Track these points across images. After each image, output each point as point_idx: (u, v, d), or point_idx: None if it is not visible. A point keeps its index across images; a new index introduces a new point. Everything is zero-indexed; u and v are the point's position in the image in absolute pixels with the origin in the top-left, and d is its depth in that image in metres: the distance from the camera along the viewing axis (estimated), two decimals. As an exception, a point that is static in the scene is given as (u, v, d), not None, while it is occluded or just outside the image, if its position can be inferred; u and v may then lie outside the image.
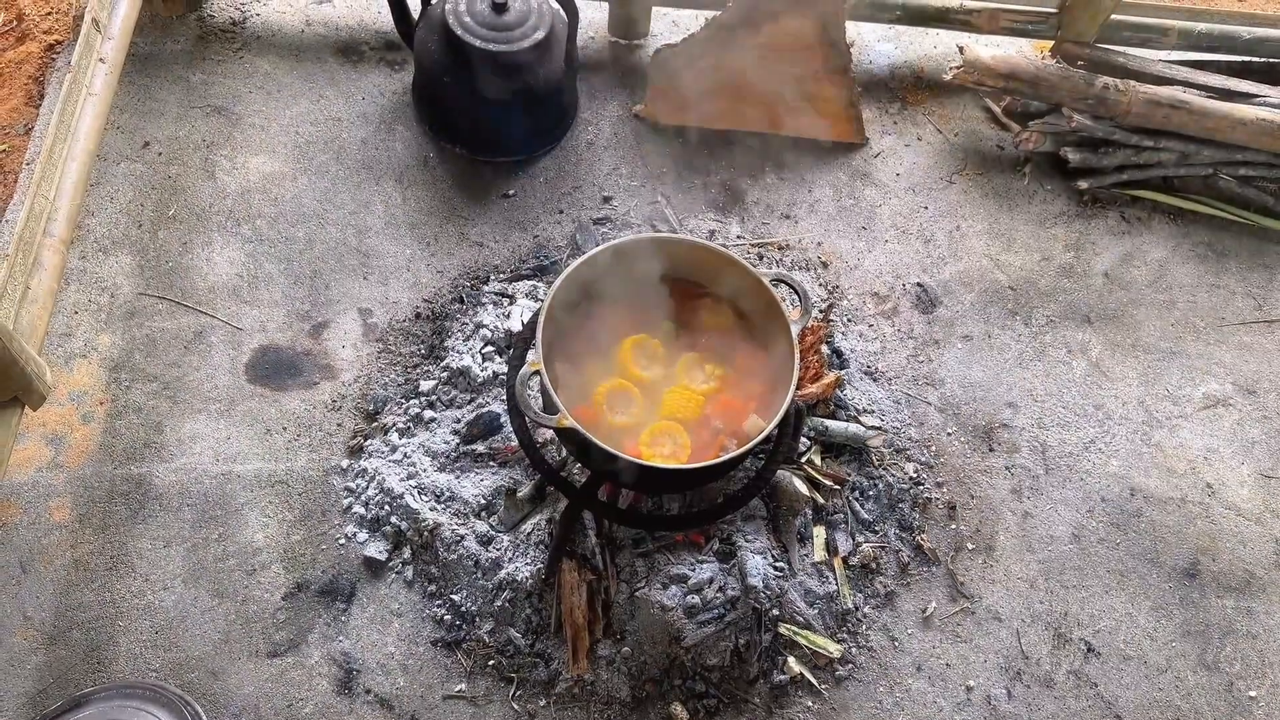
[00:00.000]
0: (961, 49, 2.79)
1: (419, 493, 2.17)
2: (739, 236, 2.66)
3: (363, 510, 2.19)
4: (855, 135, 2.86)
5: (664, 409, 1.95)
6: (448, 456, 2.22)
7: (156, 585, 2.09)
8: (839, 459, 2.31)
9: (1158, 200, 2.85)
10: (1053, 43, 2.94)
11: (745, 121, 2.83)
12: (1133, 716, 2.15)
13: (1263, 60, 2.92)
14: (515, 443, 2.17)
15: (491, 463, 2.21)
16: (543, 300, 1.89)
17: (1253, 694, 2.19)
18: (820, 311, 2.50)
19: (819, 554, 2.18)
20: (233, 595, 2.09)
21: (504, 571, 2.08)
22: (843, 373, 2.39)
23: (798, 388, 1.92)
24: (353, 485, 2.23)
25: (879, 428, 2.35)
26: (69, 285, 2.38)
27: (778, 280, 1.98)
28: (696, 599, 2.05)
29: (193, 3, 2.85)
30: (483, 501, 2.16)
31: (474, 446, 2.22)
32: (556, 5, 2.52)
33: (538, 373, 1.79)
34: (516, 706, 2.04)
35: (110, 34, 2.33)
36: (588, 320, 2.00)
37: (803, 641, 2.10)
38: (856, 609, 2.18)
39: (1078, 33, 2.84)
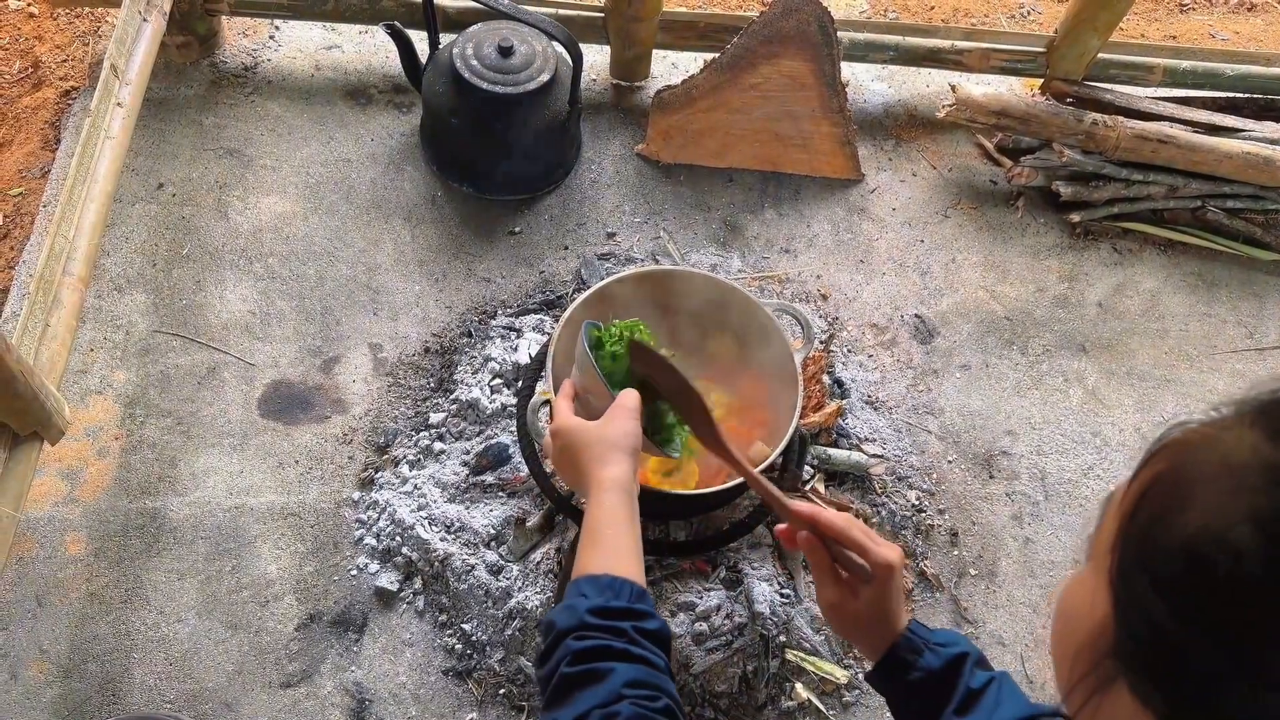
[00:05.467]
0: (953, 88, 2.87)
1: (429, 524, 2.20)
2: (740, 270, 2.72)
3: (374, 542, 2.22)
4: (852, 172, 2.93)
5: (671, 437, 1.99)
6: (457, 488, 2.26)
7: (171, 617, 2.11)
8: (842, 487, 2.34)
9: (1148, 232, 2.92)
10: (1042, 80, 3.03)
11: (744, 159, 2.91)
12: (1138, 739, 2.17)
13: (1246, 96, 3.00)
14: (524, 473, 2.21)
15: (500, 493, 2.25)
16: (551, 332, 1.94)
17: (1256, 716, 2.21)
18: (821, 342, 2.55)
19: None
20: (246, 627, 2.12)
21: (514, 600, 2.10)
22: (844, 402, 2.44)
23: (801, 416, 1.97)
24: (364, 517, 2.26)
25: (881, 456, 2.39)
26: (85, 323, 2.43)
27: (781, 310, 2.02)
28: (704, 626, 2.07)
29: (206, 49, 2.93)
30: (492, 531, 2.19)
31: (483, 477, 2.26)
32: (561, 49, 2.59)
33: (548, 402, 1.83)
34: (527, 735, 2.06)
35: (127, 79, 2.39)
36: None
37: (810, 668, 2.12)
38: (862, 635, 2.20)
39: (1066, 71, 2.93)
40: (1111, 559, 0.70)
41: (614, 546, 1.15)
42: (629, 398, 1.38)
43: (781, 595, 2.13)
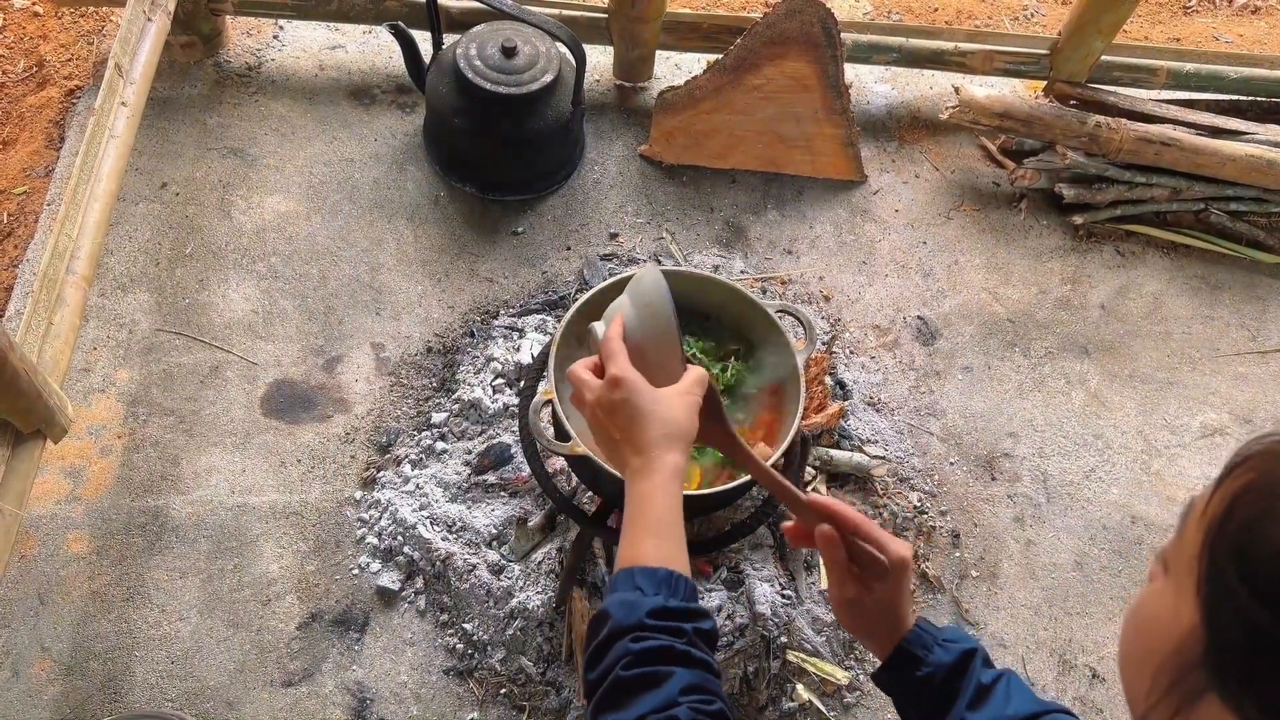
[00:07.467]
0: (957, 89, 2.87)
1: (431, 523, 2.20)
2: (742, 271, 2.72)
3: (376, 541, 2.22)
4: (854, 173, 2.93)
5: (673, 438, 1.99)
6: (459, 487, 2.26)
7: (173, 616, 2.11)
8: (844, 488, 2.34)
9: (1151, 234, 2.92)
10: (1045, 83, 3.03)
11: (747, 160, 2.91)
12: (1139, 742, 2.16)
13: (1250, 99, 3.00)
14: (525, 473, 2.21)
15: (502, 493, 2.25)
16: (554, 332, 1.94)
17: (1257, 719, 2.21)
18: (823, 343, 2.55)
19: (825, 582, 2.21)
20: (248, 625, 2.12)
21: (515, 600, 2.10)
22: (846, 403, 2.44)
23: (803, 418, 1.96)
24: (366, 516, 2.26)
25: (883, 458, 2.39)
26: (88, 322, 2.43)
27: (783, 311, 2.02)
28: (705, 627, 2.07)
29: (210, 49, 2.93)
30: (494, 531, 2.19)
31: (485, 477, 2.26)
32: (564, 50, 2.59)
33: (550, 402, 1.83)
34: (528, 735, 2.06)
35: (132, 79, 2.40)
36: (598, 352, 2.04)
37: (810, 669, 2.12)
38: (863, 636, 2.20)
39: (1070, 73, 2.93)
40: (1198, 568, 0.70)
41: (672, 538, 1.08)
42: (700, 385, 1.20)
43: (783, 596, 2.13)
